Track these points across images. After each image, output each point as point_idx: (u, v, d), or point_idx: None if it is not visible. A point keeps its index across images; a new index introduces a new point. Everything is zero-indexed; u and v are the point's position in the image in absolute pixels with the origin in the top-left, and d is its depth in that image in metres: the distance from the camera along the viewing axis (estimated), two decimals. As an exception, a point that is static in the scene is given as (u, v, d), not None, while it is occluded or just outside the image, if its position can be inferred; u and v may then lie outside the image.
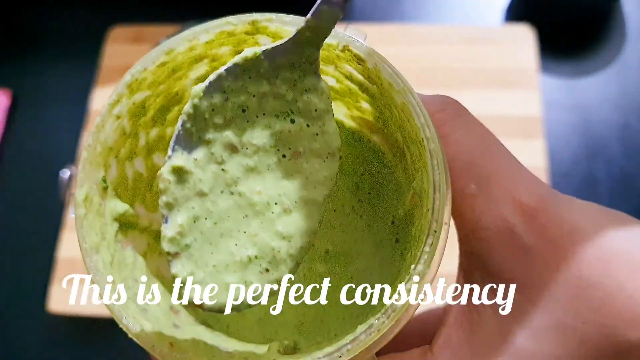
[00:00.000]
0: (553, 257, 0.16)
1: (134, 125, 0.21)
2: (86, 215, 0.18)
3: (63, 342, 0.51)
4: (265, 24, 0.20)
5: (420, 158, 0.18)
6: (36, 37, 0.65)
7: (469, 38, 0.56)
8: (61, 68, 0.63)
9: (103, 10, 0.65)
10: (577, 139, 0.54)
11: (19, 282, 0.53)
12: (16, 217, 0.56)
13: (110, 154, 0.20)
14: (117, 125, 0.20)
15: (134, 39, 0.60)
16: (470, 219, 0.17)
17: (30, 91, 0.62)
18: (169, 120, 0.22)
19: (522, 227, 0.16)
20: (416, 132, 0.18)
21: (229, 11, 0.72)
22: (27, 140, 0.60)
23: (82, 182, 0.18)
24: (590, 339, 0.16)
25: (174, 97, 0.22)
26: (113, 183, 0.20)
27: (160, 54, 0.20)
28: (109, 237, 0.19)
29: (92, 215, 0.18)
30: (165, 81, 0.21)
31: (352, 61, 0.20)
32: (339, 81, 0.22)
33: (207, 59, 0.21)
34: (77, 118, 0.58)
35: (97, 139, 0.19)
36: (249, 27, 0.21)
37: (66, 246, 0.52)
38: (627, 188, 0.52)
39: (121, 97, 0.20)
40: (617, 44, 0.58)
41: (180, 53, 0.20)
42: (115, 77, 0.59)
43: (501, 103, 0.53)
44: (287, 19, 0.20)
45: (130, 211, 0.20)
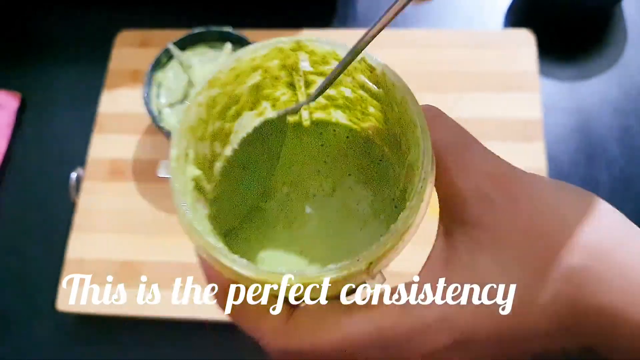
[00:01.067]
0: (511, 206, 0.22)
1: (207, 114, 0.26)
2: (176, 169, 0.23)
3: (72, 340, 0.52)
4: (306, 43, 0.25)
5: (413, 137, 0.23)
6: (46, 41, 0.66)
7: (470, 43, 0.57)
8: (70, 72, 0.64)
9: (112, 16, 0.66)
10: (577, 141, 0.55)
11: (29, 282, 0.54)
12: (25, 218, 0.57)
13: (190, 131, 0.25)
14: (197, 111, 0.25)
15: (141, 43, 0.62)
16: (449, 183, 0.23)
17: (40, 94, 0.63)
18: (228, 117, 0.27)
19: (489, 188, 0.22)
20: (411, 117, 0.23)
21: (234, 17, 0.73)
22: (36, 143, 0.61)
23: (175, 146, 0.24)
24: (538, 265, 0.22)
25: (234, 98, 0.26)
26: (190, 153, 0.25)
27: (233, 61, 0.25)
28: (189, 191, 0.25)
29: (179, 171, 0.24)
30: (231, 83, 0.26)
31: (365, 71, 0.25)
32: (353, 91, 0.26)
33: (260, 69, 0.26)
34: (86, 121, 0.59)
35: (185, 117, 0.24)
36: (294, 45, 0.25)
37: (75, 247, 0.53)
38: (627, 190, 0.53)
39: (203, 90, 0.25)
40: (617, 47, 0.59)
41: (244, 62, 0.25)
42: (123, 81, 0.60)
43: (502, 106, 0.54)
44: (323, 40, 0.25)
45: (200, 176, 0.26)
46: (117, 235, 0.53)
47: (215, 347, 0.50)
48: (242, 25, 0.56)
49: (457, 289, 0.22)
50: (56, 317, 0.52)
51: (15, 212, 0.58)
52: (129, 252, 0.52)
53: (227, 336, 0.50)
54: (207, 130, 0.26)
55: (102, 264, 0.52)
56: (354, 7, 0.64)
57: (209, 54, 0.54)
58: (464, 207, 0.23)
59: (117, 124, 0.58)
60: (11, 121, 0.61)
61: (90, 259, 0.52)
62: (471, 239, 0.22)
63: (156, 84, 0.54)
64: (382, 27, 0.22)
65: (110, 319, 0.51)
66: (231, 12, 0.64)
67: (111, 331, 0.52)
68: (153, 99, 0.53)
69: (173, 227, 0.53)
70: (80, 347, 0.51)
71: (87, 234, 0.54)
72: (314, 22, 0.62)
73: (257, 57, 0.25)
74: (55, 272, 0.53)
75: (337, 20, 0.63)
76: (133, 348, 0.51)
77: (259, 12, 0.64)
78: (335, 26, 0.63)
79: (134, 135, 0.57)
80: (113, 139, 0.57)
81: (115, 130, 0.58)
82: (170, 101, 0.53)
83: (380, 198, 0.28)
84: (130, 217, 0.54)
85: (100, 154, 0.57)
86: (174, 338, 0.51)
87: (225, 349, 0.50)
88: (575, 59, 0.59)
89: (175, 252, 0.52)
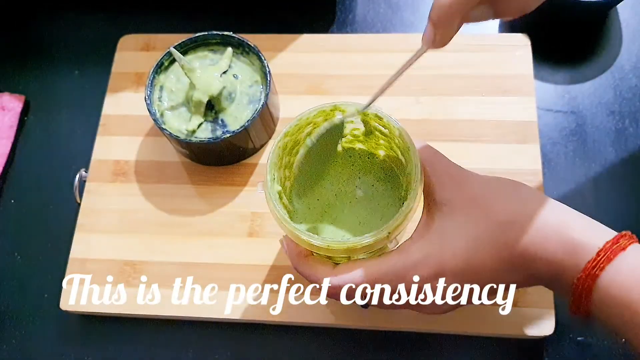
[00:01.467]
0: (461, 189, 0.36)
1: (282, 152, 0.41)
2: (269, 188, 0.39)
3: (75, 339, 0.53)
4: (340, 105, 0.40)
5: (409, 156, 0.38)
6: (50, 44, 0.67)
7: (467, 46, 0.58)
8: (74, 74, 0.65)
9: (115, 20, 0.67)
10: (572, 143, 0.56)
11: (33, 282, 0.55)
12: (30, 220, 0.58)
13: (274, 164, 0.40)
14: (278, 151, 0.40)
15: (143, 47, 0.63)
16: (428, 182, 0.38)
17: (44, 97, 0.64)
18: (293, 153, 0.42)
19: (449, 181, 0.37)
20: (407, 145, 0.38)
21: (234, 21, 0.74)
22: (40, 145, 0.62)
23: (268, 174, 0.39)
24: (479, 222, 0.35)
25: (296, 141, 0.42)
26: (275, 177, 0.40)
27: (296, 120, 0.40)
28: (276, 199, 0.39)
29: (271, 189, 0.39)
30: (295, 133, 0.41)
31: (376, 119, 0.41)
32: (369, 131, 0.43)
33: (311, 124, 0.41)
34: (89, 123, 0.60)
35: (272, 155, 0.40)
36: (332, 107, 0.40)
37: (78, 247, 0.54)
38: (621, 191, 0.53)
39: (281, 139, 0.40)
40: (612, 50, 0.60)
41: (303, 120, 0.41)
42: (126, 84, 0.61)
43: (498, 109, 0.55)
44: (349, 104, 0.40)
45: (280, 191, 0.41)
46: (120, 236, 0.54)
47: (215, 346, 0.51)
48: (242, 29, 0.57)
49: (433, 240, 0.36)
50: (60, 316, 0.53)
51: (19, 214, 0.59)
52: (131, 252, 0.53)
53: (228, 335, 0.51)
54: (282, 162, 0.41)
55: (104, 264, 0.53)
56: (353, 13, 0.64)
57: (210, 58, 0.55)
58: (435, 193, 0.37)
59: (120, 126, 0.59)
60: (15, 123, 0.62)
61: (93, 259, 0.53)
62: (440, 212, 0.36)
63: (158, 87, 0.54)
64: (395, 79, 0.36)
65: (112, 318, 0.52)
66: (232, 17, 0.65)
67: (113, 330, 0.52)
68: (155, 101, 0.54)
69: (174, 228, 0.54)
70: (83, 346, 0.52)
71: (91, 234, 0.54)
72: (314, 27, 0.63)
73: (310, 116, 0.41)
74: (59, 272, 0.54)
75: (337, 25, 0.64)
76: (135, 347, 0.52)
77: (260, 17, 0.65)
78: (334, 31, 0.64)
79: (136, 137, 0.58)
80: (116, 141, 0.58)
81: (119, 133, 0.59)
82: (172, 104, 0.54)
83: (392, 197, 0.43)
84: (132, 217, 0.55)
85: (103, 155, 0.58)
86: (174, 337, 0.52)
87: (226, 348, 0.51)
88: (570, 62, 0.60)
89: (176, 252, 0.53)
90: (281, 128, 0.57)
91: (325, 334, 0.50)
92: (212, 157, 0.55)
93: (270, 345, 0.50)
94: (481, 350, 0.49)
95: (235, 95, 0.54)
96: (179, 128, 0.53)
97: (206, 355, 0.51)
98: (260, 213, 0.54)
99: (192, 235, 0.53)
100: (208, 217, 0.54)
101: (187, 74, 0.52)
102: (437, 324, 0.48)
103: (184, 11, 0.66)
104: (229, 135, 0.51)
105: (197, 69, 0.53)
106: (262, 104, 0.52)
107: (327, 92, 0.58)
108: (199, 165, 0.56)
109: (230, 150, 0.54)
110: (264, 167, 0.55)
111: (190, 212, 0.54)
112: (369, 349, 0.49)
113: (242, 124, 0.52)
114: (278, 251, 0.52)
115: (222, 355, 0.51)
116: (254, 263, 0.52)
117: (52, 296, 0.54)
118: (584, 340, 0.48)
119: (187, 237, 0.53)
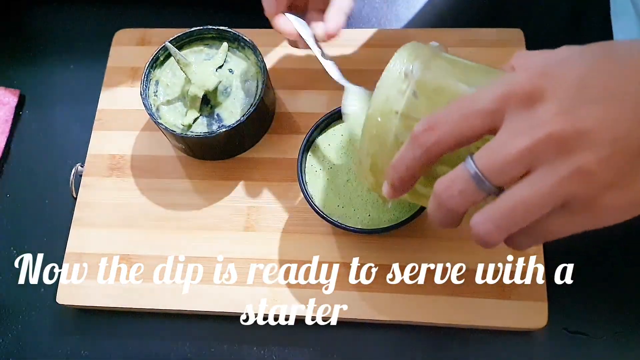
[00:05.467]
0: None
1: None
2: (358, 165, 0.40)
3: (72, 332, 0.53)
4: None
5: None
6: (45, 38, 0.67)
7: (462, 41, 0.58)
8: (69, 68, 0.65)
9: (111, 14, 0.67)
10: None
11: (30, 276, 0.55)
12: (25, 214, 0.58)
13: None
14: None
15: (139, 41, 0.63)
16: None
17: (39, 91, 0.64)
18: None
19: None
20: None
21: (231, 16, 0.74)
22: (36, 139, 0.62)
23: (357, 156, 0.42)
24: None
25: None
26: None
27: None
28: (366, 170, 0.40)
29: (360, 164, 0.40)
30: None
31: None
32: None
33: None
34: (85, 117, 0.60)
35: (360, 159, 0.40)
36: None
37: (74, 241, 0.54)
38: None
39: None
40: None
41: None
42: (122, 78, 0.61)
43: (492, 104, 0.55)
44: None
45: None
46: (116, 230, 0.54)
47: (213, 339, 0.51)
48: (238, 24, 0.57)
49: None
50: (56, 310, 0.53)
51: (15, 208, 0.59)
52: (127, 246, 0.53)
53: (225, 328, 0.51)
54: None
55: (101, 258, 0.53)
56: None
57: (206, 52, 0.55)
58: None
59: (116, 120, 0.59)
60: (10, 117, 0.62)
61: (89, 253, 0.53)
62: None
63: (154, 82, 0.55)
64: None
65: (108, 312, 0.52)
66: (228, 12, 0.65)
67: (110, 324, 0.52)
68: (151, 96, 0.54)
69: (170, 222, 0.54)
70: (80, 340, 0.52)
71: (87, 228, 0.55)
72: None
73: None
74: (55, 266, 0.54)
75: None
76: (131, 340, 0.52)
77: (255, 12, 0.65)
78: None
79: (132, 131, 0.58)
80: (112, 136, 0.58)
81: (114, 127, 0.59)
82: (168, 98, 0.54)
83: None
84: (128, 211, 0.55)
85: (99, 150, 0.58)
86: (170, 331, 0.52)
87: (224, 341, 0.51)
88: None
89: (172, 246, 0.53)
90: (276, 123, 0.57)
91: (326, 329, 0.50)
92: (208, 152, 0.55)
93: (264, 338, 0.51)
94: (474, 342, 0.49)
95: (231, 90, 0.54)
96: (175, 122, 0.53)
97: (202, 348, 0.51)
98: (257, 207, 0.54)
99: (188, 229, 0.54)
100: (204, 212, 0.54)
101: (183, 69, 0.52)
102: (428, 315, 0.48)
103: (179, 5, 0.66)
104: (225, 129, 0.51)
105: (192, 63, 0.53)
106: (257, 99, 0.52)
107: (323, 87, 0.58)
108: (195, 160, 0.57)
109: (226, 145, 0.54)
110: (259, 162, 0.56)
111: (186, 207, 0.55)
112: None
113: (237, 118, 0.52)
114: (274, 245, 0.52)
115: (217, 348, 0.51)
116: (250, 257, 0.52)
117: (48, 290, 0.54)
118: (577, 331, 0.49)
119: (183, 231, 0.54)
